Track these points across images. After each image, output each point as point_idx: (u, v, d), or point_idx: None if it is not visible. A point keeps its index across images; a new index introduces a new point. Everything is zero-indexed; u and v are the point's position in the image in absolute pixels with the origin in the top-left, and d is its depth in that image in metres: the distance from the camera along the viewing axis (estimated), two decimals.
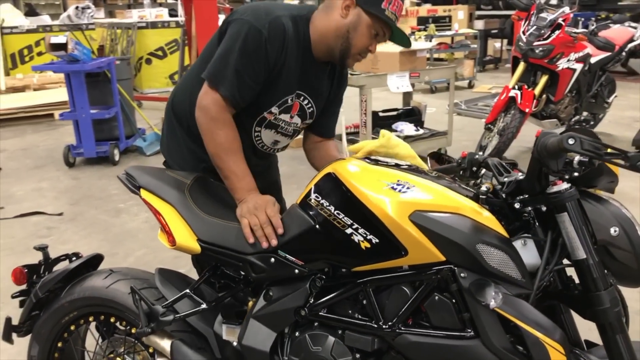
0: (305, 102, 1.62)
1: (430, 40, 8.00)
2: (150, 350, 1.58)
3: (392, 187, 1.23)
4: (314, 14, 1.55)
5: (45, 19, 8.13)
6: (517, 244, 1.23)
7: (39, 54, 8.01)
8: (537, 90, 4.36)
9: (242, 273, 1.45)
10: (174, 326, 1.49)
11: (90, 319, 1.65)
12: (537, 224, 1.24)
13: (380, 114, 4.93)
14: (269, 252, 1.36)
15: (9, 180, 4.72)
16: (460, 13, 11.07)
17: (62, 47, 4.38)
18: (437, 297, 1.21)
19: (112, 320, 1.62)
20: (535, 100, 4.31)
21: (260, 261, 1.37)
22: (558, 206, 1.18)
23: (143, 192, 1.50)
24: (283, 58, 1.48)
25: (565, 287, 1.25)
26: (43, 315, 1.65)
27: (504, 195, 1.26)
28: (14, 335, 1.68)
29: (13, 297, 1.68)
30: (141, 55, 8.78)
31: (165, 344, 1.47)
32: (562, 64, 4.36)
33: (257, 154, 1.68)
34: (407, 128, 4.74)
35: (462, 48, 8.52)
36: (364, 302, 1.29)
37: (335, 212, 1.27)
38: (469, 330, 1.19)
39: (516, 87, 4.43)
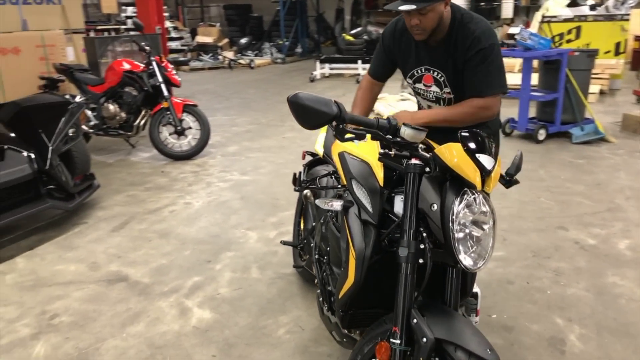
0: (435, 73, 2.18)
1: None
2: None
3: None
4: None
5: (583, 10, 8.77)
6: (399, 197, 1.71)
7: (568, 41, 8.89)
8: None
9: None
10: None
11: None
12: None
13: None
14: None
15: None
16: None
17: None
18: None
19: None
20: None
21: None
22: (403, 175, 1.62)
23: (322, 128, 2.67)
24: (397, 46, 2.21)
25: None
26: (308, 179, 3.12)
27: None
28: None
29: (303, 165, 3.23)
30: None
31: (307, 200, 2.68)
32: None
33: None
34: None
35: None
36: None
37: None
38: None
39: None
